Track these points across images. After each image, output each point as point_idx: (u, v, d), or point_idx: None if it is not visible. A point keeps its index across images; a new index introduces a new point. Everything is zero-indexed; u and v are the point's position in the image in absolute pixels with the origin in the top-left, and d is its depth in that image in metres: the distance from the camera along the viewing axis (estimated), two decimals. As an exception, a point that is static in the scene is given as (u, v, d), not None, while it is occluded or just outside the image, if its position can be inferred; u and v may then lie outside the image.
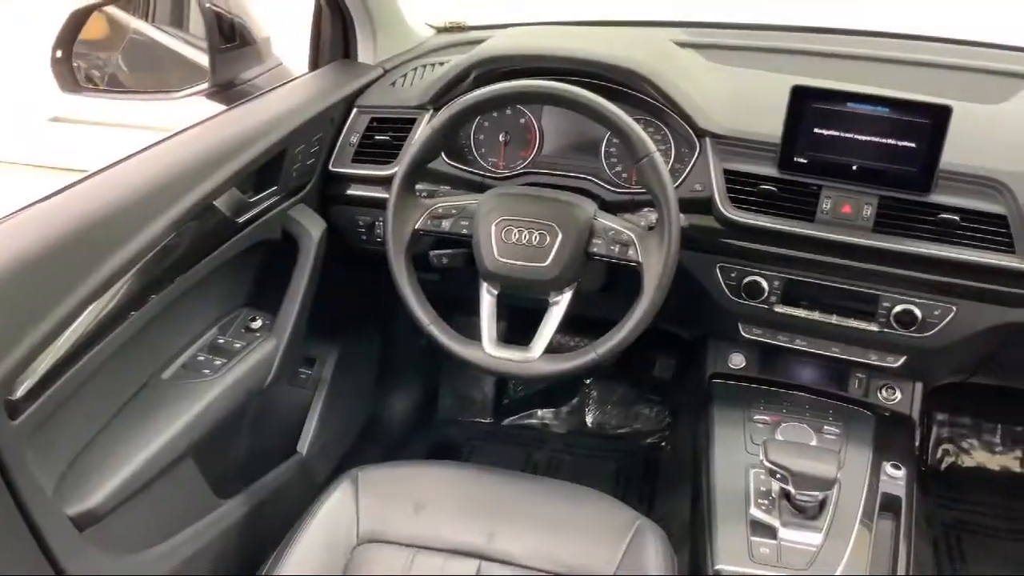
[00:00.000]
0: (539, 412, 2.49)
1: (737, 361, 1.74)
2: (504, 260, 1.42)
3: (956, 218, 1.42)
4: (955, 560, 2.02)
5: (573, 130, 1.66)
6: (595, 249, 1.42)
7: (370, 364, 2.20)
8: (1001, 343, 1.53)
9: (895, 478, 1.48)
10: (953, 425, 2.33)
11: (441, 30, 2.03)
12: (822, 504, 1.38)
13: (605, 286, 1.67)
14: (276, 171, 1.57)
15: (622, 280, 1.55)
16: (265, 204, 1.57)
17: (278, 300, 1.60)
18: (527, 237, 1.41)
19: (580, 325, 1.67)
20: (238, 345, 1.53)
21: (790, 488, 1.34)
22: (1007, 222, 1.41)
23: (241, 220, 1.50)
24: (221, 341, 1.53)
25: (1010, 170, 1.43)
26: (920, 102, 1.40)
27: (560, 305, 1.44)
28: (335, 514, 1.40)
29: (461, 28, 2.03)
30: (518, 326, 1.53)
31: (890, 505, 1.44)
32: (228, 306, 1.60)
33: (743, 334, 1.66)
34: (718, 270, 1.59)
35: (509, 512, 1.42)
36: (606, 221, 1.43)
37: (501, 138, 1.68)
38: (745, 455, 1.51)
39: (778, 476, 1.35)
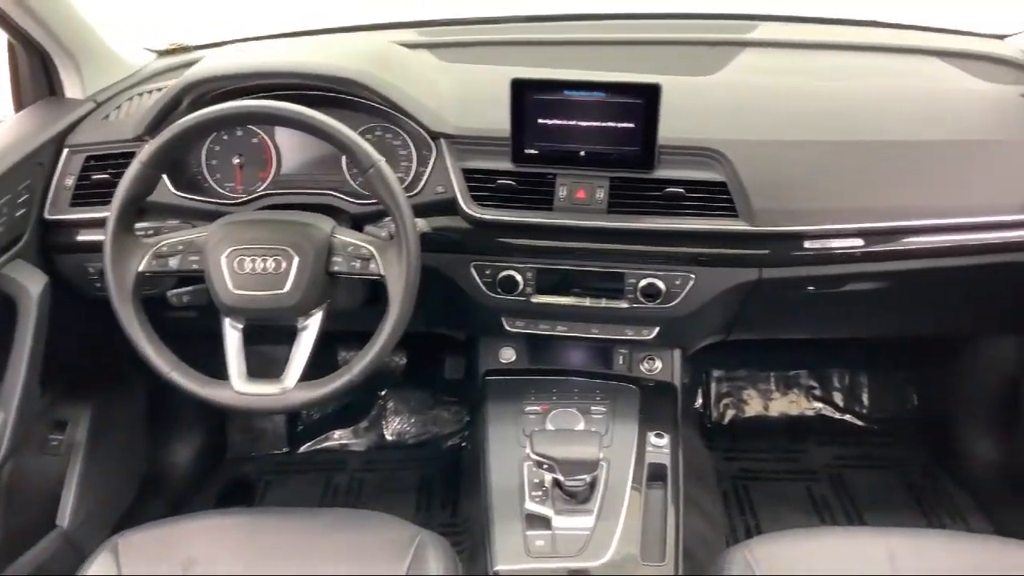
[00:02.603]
0: (336, 433, 2.42)
1: (507, 355, 1.76)
2: (241, 292, 1.35)
3: (681, 190, 1.48)
4: (744, 510, 2.12)
5: (311, 145, 1.60)
6: (336, 268, 1.37)
7: (137, 415, 2.06)
8: (742, 302, 1.61)
9: (659, 447, 1.52)
10: (730, 380, 2.46)
11: (163, 53, 1.92)
12: (593, 486, 1.41)
13: (368, 299, 1.62)
14: None
15: (382, 292, 1.52)
16: None
17: (4, 368, 1.46)
18: (262, 265, 1.35)
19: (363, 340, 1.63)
20: None
21: (559, 476, 1.36)
22: (727, 188, 1.48)
23: None
24: None
25: (724, 138, 1.50)
26: (629, 83, 1.44)
27: (310, 330, 1.39)
28: None
29: (185, 49, 1.92)
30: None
31: (657, 474, 1.48)
32: None
33: (508, 328, 1.67)
34: (473, 269, 1.58)
35: (287, 552, 1.35)
36: (344, 237, 1.39)
37: (235, 161, 1.60)
38: (518, 449, 1.51)
39: (545, 466, 1.36)
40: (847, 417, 2.43)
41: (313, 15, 2.08)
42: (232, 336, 1.39)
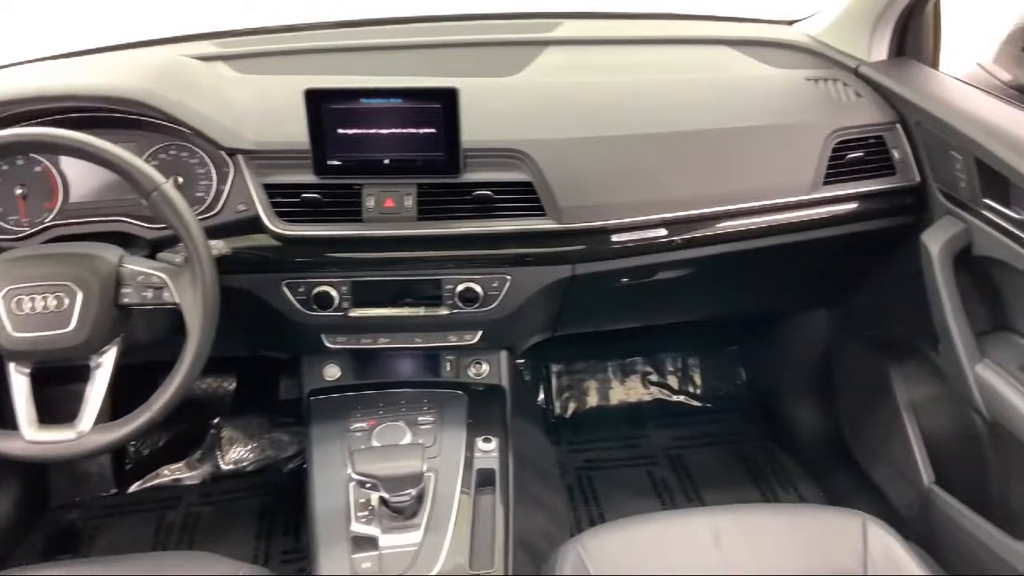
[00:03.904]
0: (167, 469, 2.29)
1: (332, 373, 1.71)
2: (22, 334, 1.25)
3: (489, 193, 1.47)
4: (588, 500, 2.15)
5: (100, 170, 1.49)
6: (126, 300, 1.30)
7: None
8: (562, 298, 1.62)
9: (487, 452, 1.51)
10: (570, 373, 2.49)
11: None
12: (420, 500, 1.38)
13: (172, 328, 1.54)
14: None
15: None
16: None
17: None
18: (43, 303, 1.25)
19: None
20: None
21: (384, 494, 1.32)
22: (533, 188, 1.48)
23: None
24: None
25: (527, 138, 1.50)
26: (426, 88, 1.42)
27: (104, 367, 1.31)
28: None
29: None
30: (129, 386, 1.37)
31: (487, 480, 1.47)
32: None
33: (328, 345, 1.63)
34: (285, 287, 1.53)
35: None
36: (134, 266, 1.31)
37: (17, 192, 1.49)
38: (343, 470, 1.46)
39: (368, 486, 1.32)
40: (682, 398, 2.51)
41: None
42: (19, 382, 1.29)
